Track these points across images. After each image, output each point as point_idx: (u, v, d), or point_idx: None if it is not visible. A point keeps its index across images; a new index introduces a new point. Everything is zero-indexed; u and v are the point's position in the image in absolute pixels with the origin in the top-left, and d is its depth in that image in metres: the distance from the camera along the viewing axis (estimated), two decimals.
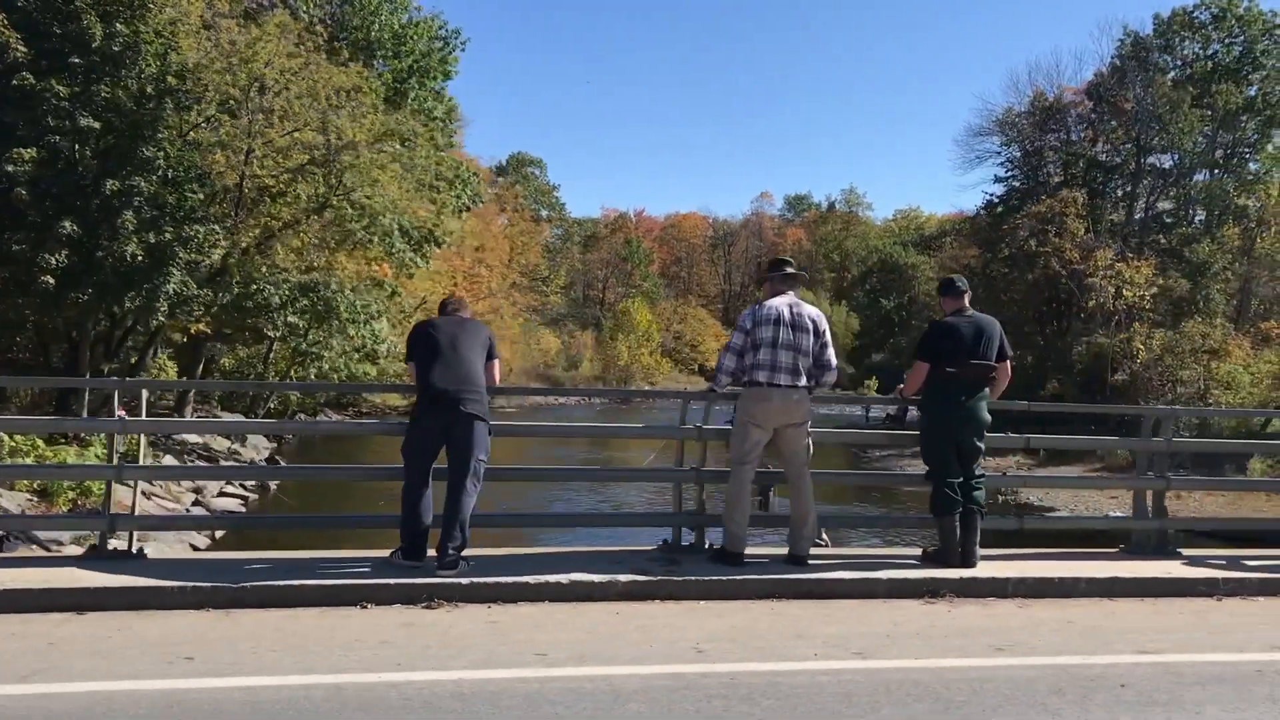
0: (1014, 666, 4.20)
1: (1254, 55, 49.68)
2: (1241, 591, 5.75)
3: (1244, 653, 4.52)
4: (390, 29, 25.63)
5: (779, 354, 5.54)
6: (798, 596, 5.28)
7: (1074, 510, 29.41)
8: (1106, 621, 5.06)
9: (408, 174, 24.23)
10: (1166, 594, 5.67)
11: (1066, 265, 42.45)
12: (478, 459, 5.16)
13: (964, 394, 5.70)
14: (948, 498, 5.69)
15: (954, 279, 6.11)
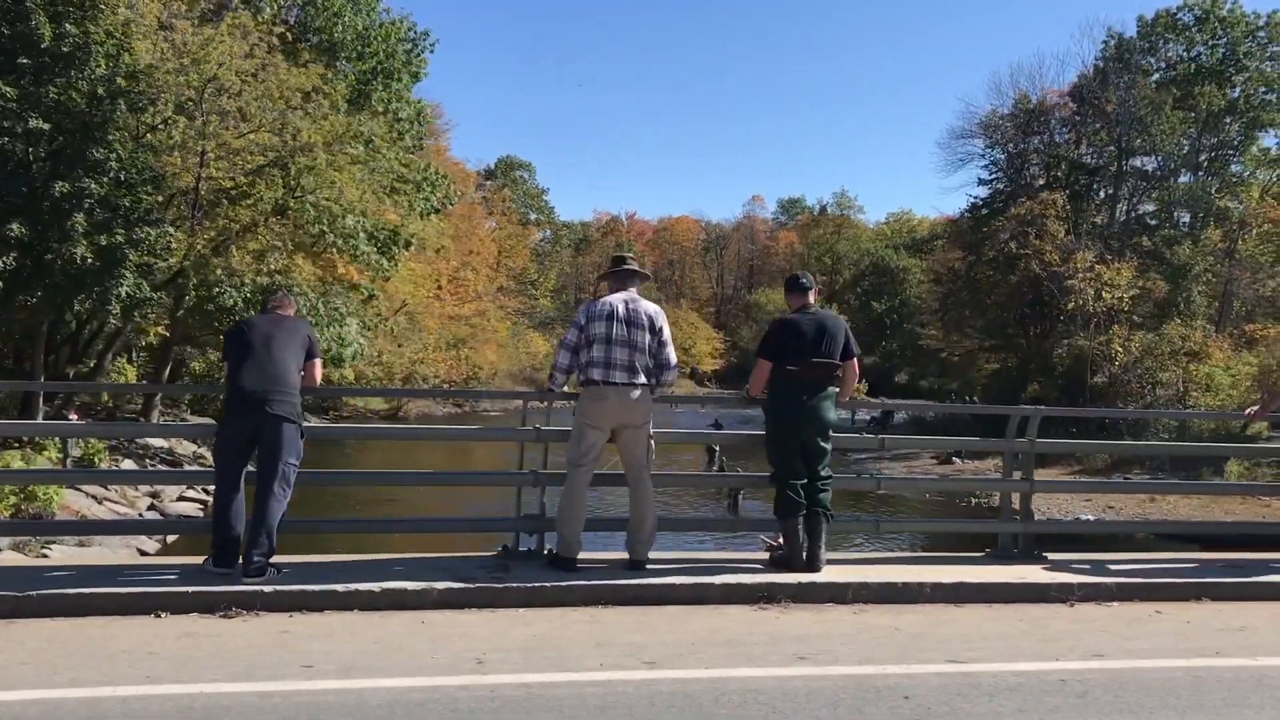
0: (805, 676, 4.03)
1: (1237, 57, 49.58)
2: (1097, 597, 5.58)
3: (1059, 662, 4.35)
4: (353, 30, 25.48)
5: (614, 351, 5.38)
6: (625, 603, 5.11)
7: (1045, 513, 29.25)
8: (935, 629, 4.88)
9: (370, 176, 24.06)
10: (1017, 599, 5.49)
11: (1046, 267, 42.32)
12: (287, 462, 4.99)
13: (806, 393, 5.53)
14: (790, 500, 5.52)
15: (798, 275, 5.95)
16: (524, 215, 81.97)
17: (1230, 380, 38.50)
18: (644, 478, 5.52)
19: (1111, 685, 4.04)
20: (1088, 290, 40.74)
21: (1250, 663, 4.45)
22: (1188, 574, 5.95)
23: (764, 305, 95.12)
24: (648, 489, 5.54)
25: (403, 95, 27.26)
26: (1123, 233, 47.72)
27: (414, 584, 4.96)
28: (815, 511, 5.56)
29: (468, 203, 66.17)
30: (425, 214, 29.26)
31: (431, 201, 29.32)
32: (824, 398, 5.58)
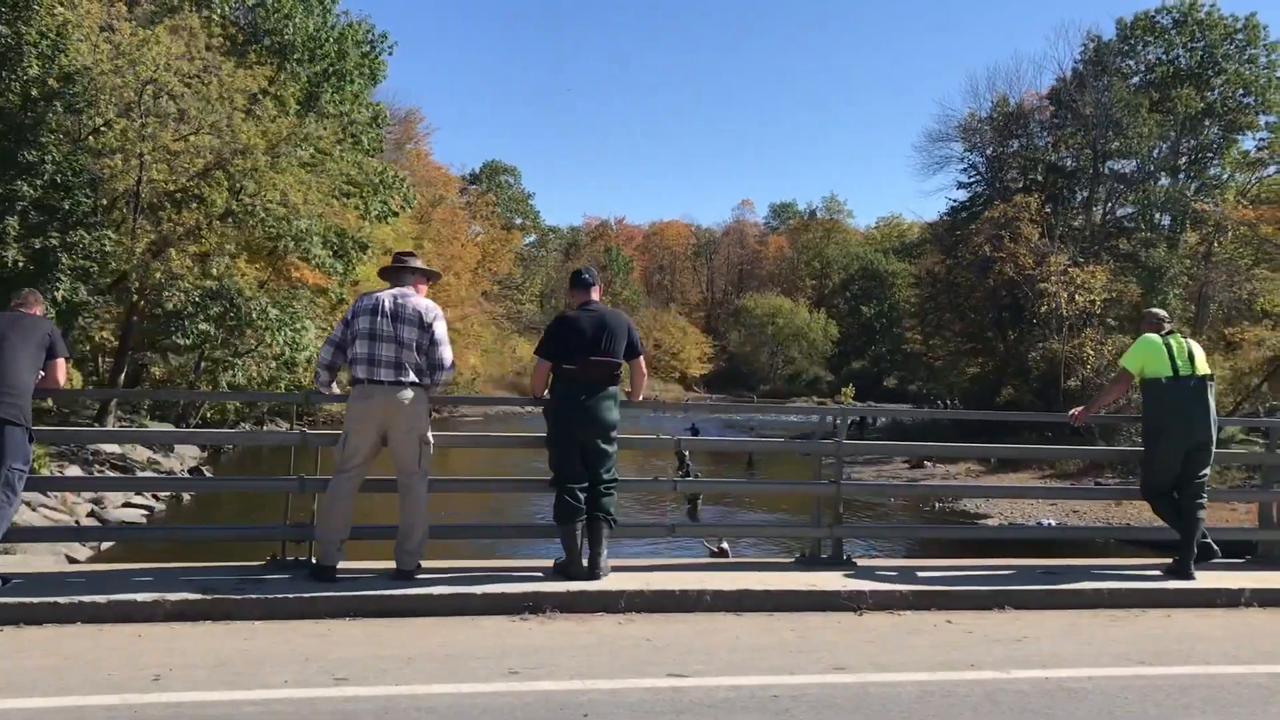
0: (495, 693, 3.80)
1: (1215, 60, 49.40)
2: (890, 605, 5.34)
3: (791, 675, 4.12)
4: (304, 32, 25.27)
5: (378, 347, 5.14)
6: (380, 614, 4.88)
7: (1008, 518, 29.04)
8: (693, 640, 4.65)
9: (319, 180, 23.84)
10: (804, 608, 5.26)
11: (1021, 271, 42.09)
12: (12, 467, 4.76)
13: (585, 393, 5.30)
14: (568, 505, 5.28)
15: (580, 271, 5.73)
16: (509, 220, 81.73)
17: None
18: (414, 485, 5.27)
19: (822, 701, 3.81)
20: (1061, 294, 40.54)
21: (999, 676, 4.21)
22: (998, 581, 5.71)
23: (752, 310, 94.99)
24: (417, 496, 5.28)
25: (357, 97, 27.04)
26: (1100, 236, 47.51)
27: (145, 596, 4.73)
28: (596, 517, 5.33)
29: (449, 207, 66.02)
30: (383, 217, 29.03)
31: (390, 205, 29.08)
32: (605, 398, 5.35)
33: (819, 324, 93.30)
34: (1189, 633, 5.09)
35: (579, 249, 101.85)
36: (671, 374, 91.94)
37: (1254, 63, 49.74)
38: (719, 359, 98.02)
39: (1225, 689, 4.12)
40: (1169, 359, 5.95)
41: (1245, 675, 4.35)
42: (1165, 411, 5.95)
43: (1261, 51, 49.97)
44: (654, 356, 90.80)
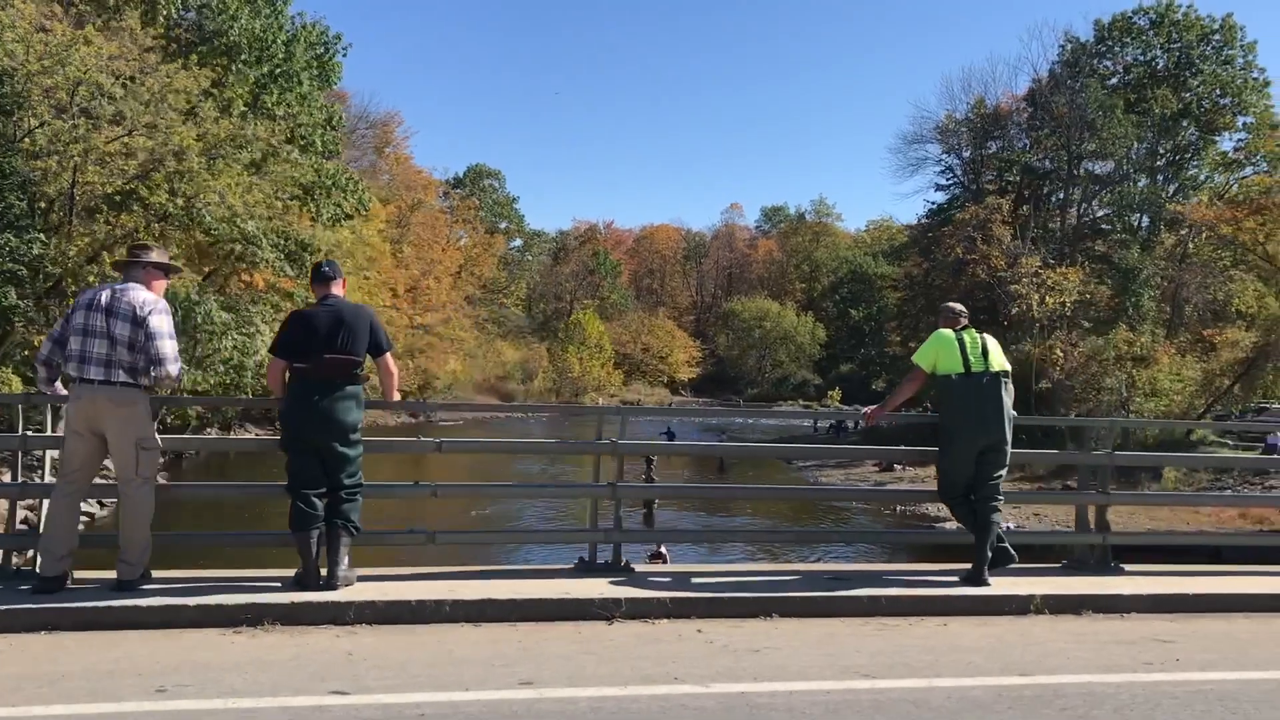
0: (120, 714, 3.54)
1: (1191, 60, 49.13)
2: (647, 614, 5.06)
3: (469, 691, 3.85)
4: (249, 33, 25.07)
5: (89, 343, 4.83)
6: (84, 628, 4.61)
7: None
8: (406, 653, 4.37)
9: (261, 182, 23.60)
10: (552, 617, 4.98)
11: (993, 273, 41.83)
12: None
13: (319, 393, 5.03)
14: (302, 511, 5.01)
15: (320, 264, 5.43)
16: (493, 224, 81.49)
17: (1174, 385, 38.01)
18: (131, 493, 4.95)
19: (473, 717, 3.56)
20: (1032, 296, 40.28)
21: (692, 690, 3.94)
22: (771, 588, 5.43)
23: (739, 313, 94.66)
24: (134, 505, 4.95)
25: (305, 99, 26.83)
26: (1075, 237, 47.25)
27: None
28: (334, 524, 5.06)
29: (429, 211, 65.76)
30: (336, 220, 28.78)
31: (343, 207, 28.85)
32: (342, 398, 5.07)
33: (807, 327, 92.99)
34: (951, 643, 4.82)
35: (567, 252, 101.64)
36: (660, 378, 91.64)
37: (1231, 63, 49.48)
38: (708, 363, 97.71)
39: (935, 704, 3.85)
40: (961, 355, 5.69)
41: (970, 688, 4.08)
42: (957, 409, 5.69)
43: (1239, 52, 49.70)
44: (642, 360, 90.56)
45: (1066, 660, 4.56)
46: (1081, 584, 5.77)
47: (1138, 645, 4.88)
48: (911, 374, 5.98)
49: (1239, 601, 5.69)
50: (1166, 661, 4.60)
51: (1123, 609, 5.56)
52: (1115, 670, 4.43)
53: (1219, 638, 5.13)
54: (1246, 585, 5.89)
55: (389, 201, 59.50)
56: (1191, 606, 5.66)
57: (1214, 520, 26.33)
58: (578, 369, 68.13)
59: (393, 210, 59.70)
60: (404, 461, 28.37)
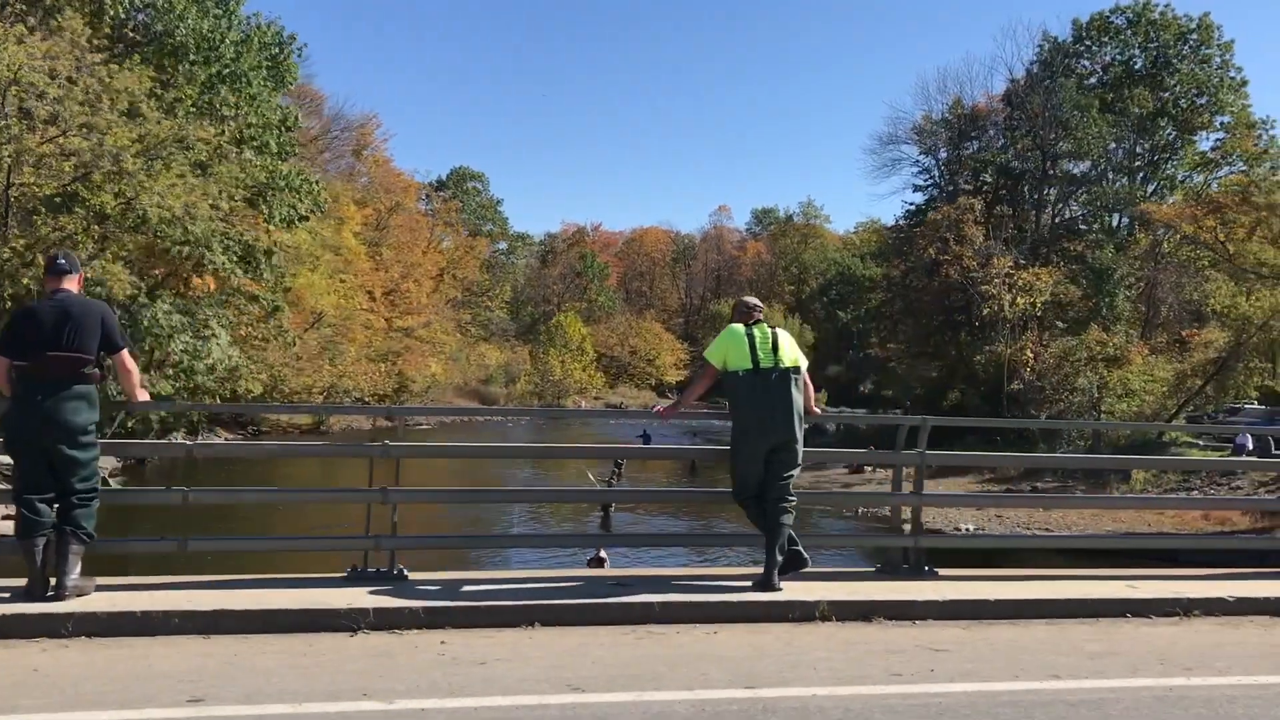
0: None
1: (1168, 60, 48.96)
2: (399, 624, 4.81)
3: (126, 710, 3.61)
4: (197, 34, 24.84)
5: None
6: None
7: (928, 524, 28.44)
8: (105, 668, 4.12)
9: (205, 183, 23.37)
10: (291, 628, 4.72)
11: (965, 273, 41.64)
12: None
13: (43, 393, 4.78)
14: (27, 519, 4.76)
15: (56, 255, 5.17)
16: (476, 226, 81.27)
17: (1145, 385, 37.83)
18: None
19: None
20: (1003, 296, 40.08)
21: (370, 708, 3.70)
22: (541, 595, 5.17)
23: (725, 315, 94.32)
24: None
25: (255, 100, 26.60)
26: (1050, 237, 47.07)
27: None
28: (64, 531, 4.81)
29: (409, 214, 65.54)
30: (289, 222, 28.54)
31: (297, 209, 28.62)
32: (70, 398, 4.81)
33: (794, 329, 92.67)
34: (702, 653, 4.56)
35: (555, 255, 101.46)
36: (647, 380, 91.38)
37: (1208, 63, 49.31)
38: (694, 365, 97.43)
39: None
40: (750, 350, 5.44)
41: (678, 701, 3.83)
42: (744, 407, 5.44)
43: (1216, 52, 49.53)
44: (628, 363, 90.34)
45: (810, 672, 4.31)
46: (880, 589, 5.52)
47: (903, 654, 4.63)
48: (703, 370, 5.74)
49: (1040, 608, 5.44)
50: (919, 672, 4.36)
51: (916, 615, 5.31)
52: (854, 682, 4.18)
53: (999, 646, 4.89)
54: (1052, 590, 5.64)
55: (367, 204, 59.32)
56: (991, 613, 5.41)
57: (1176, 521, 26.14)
58: (559, 371, 67.87)
59: (370, 213, 59.50)
60: (380, 465, 28.22)
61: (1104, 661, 4.64)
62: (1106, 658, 4.71)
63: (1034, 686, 4.20)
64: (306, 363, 45.10)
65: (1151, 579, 5.95)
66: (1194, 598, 5.62)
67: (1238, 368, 35.89)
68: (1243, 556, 8.02)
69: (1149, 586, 5.78)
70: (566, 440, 46.33)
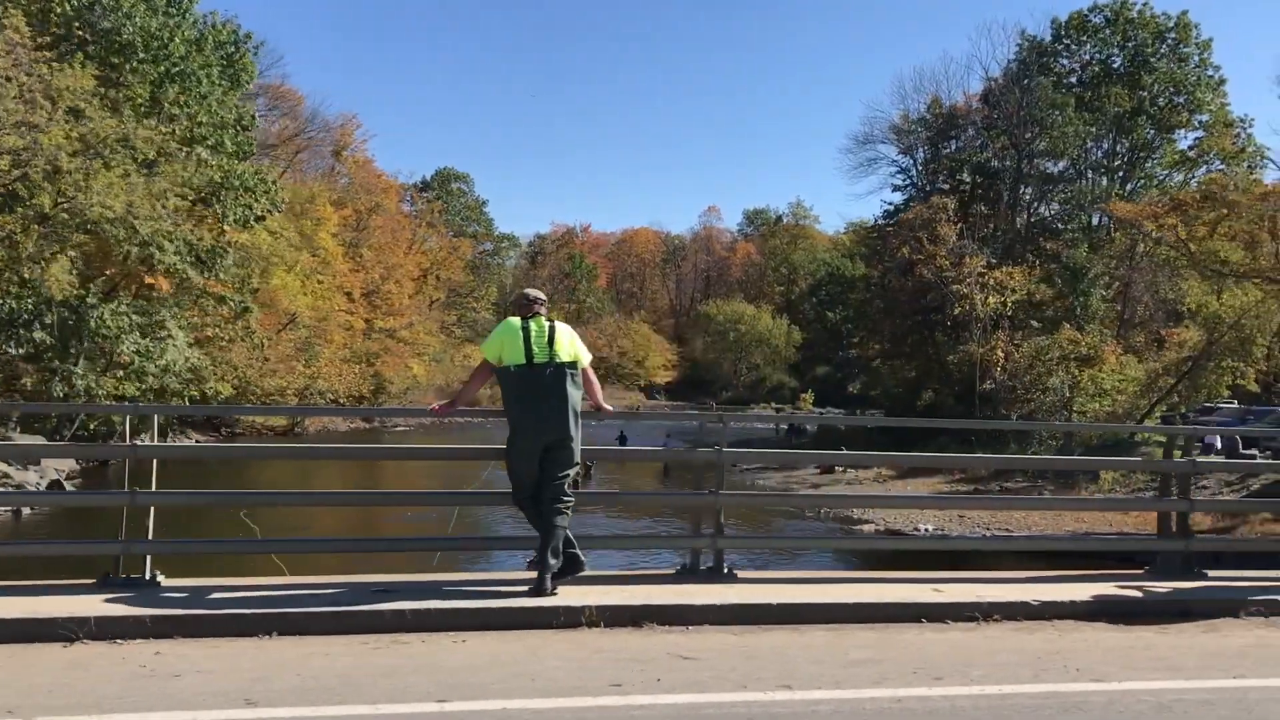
0: None
1: (1145, 58, 48.74)
2: (123, 634, 4.57)
3: None
4: (144, 32, 24.60)
5: None
6: None
7: (886, 523, 28.35)
8: None
9: (151, 183, 23.17)
10: (23, 639, 4.50)
11: (938, 273, 41.38)
12: None
13: None
14: None
15: None
16: (461, 227, 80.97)
17: (1117, 384, 37.65)
18: None
19: None
20: (975, 295, 39.83)
21: None
22: (288, 603, 4.93)
23: (714, 316, 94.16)
24: None
25: (206, 98, 26.37)
26: (1026, 236, 46.82)
27: None
28: None
29: (390, 215, 65.21)
30: (244, 222, 28.30)
31: (253, 209, 28.39)
32: None
33: (782, 330, 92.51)
34: (420, 664, 4.32)
35: (544, 256, 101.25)
36: (636, 381, 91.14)
37: (1185, 61, 49.08)
38: (684, 366, 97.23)
39: None
40: (524, 344, 5.20)
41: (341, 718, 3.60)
42: (516, 403, 5.21)
43: (1194, 50, 49.31)
44: (618, 364, 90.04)
45: (526, 683, 4.08)
46: (665, 593, 5.28)
47: (642, 663, 4.39)
48: (478, 366, 5.50)
49: (825, 612, 5.19)
50: (645, 683, 4.12)
51: (691, 620, 5.07)
52: (564, 694, 3.95)
53: (757, 653, 4.64)
54: (846, 594, 5.39)
55: (346, 205, 59.06)
56: (773, 617, 5.17)
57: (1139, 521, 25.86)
58: None
59: (350, 214, 59.23)
60: (352, 469, 28.02)
61: (856, 670, 4.40)
62: (863, 666, 4.47)
63: (752, 698, 3.97)
64: (280, 364, 44.84)
65: (959, 582, 5.71)
66: (995, 601, 5.38)
67: (1208, 367, 35.64)
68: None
69: (954, 590, 5.54)
70: None
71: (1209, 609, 5.58)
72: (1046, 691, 4.16)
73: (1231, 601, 5.64)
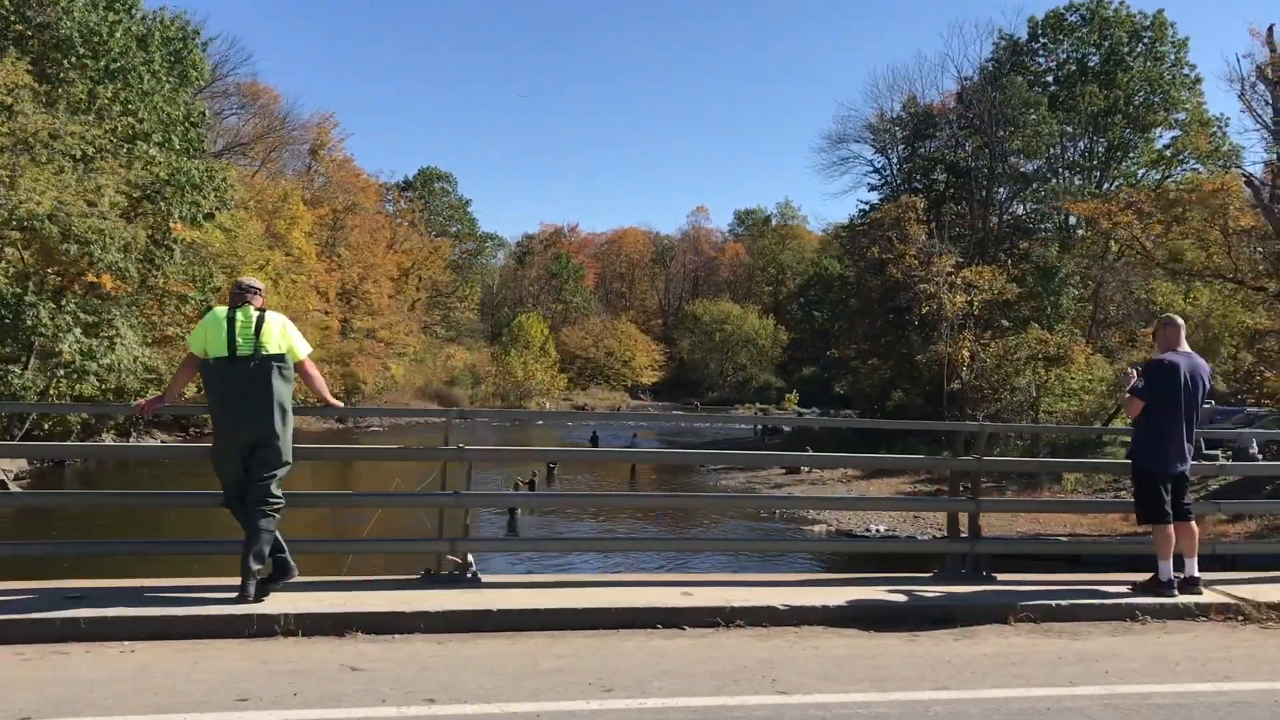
0: None
1: (1120, 57, 48.43)
2: None
3: None
4: (83, 27, 24.29)
5: None
6: None
7: (839, 524, 28.11)
8: None
9: (84, 180, 22.87)
10: None
11: (907, 272, 41.10)
12: None
13: None
14: None
15: None
16: (443, 227, 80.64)
17: (1085, 384, 37.38)
18: None
19: None
20: (942, 295, 39.55)
21: None
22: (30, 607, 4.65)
23: (700, 316, 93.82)
24: None
25: (151, 95, 26.06)
26: (1000, 236, 46.53)
27: None
28: None
29: (367, 214, 64.88)
30: (192, 219, 27.97)
31: (201, 206, 28.06)
32: None
33: (768, 330, 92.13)
34: (38, 679, 4.04)
35: (532, 256, 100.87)
36: (622, 382, 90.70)
37: (1161, 60, 48.77)
38: (671, 367, 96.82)
39: None
40: (228, 336, 4.90)
41: None
42: (217, 398, 4.91)
43: (1170, 49, 49.00)
44: (604, 365, 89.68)
45: (148, 699, 3.79)
46: (373, 600, 4.98)
47: (292, 676, 4.09)
48: (186, 359, 5.19)
49: (548, 618, 4.90)
50: (278, 698, 3.83)
51: (402, 629, 4.78)
52: (169, 710, 3.66)
53: (433, 663, 4.35)
54: (572, 599, 5.08)
55: (321, 203, 58.79)
56: (494, 624, 4.88)
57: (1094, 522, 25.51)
58: (520, 373, 67.25)
59: (326, 213, 58.94)
60: (325, 469, 27.77)
61: (524, 683, 4.10)
62: (537, 678, 4.17)
63: (380, 714, 3.67)
64: None
65: (714, 585, 5.41)
66: (740, 606, 5.08)
67: None
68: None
69: (704, 594, 5.24)
70: (526, 442, 45.44)
71: (975, 614, 5.28)
72: (711, 705, 3.87)
73: (1002, 607, 5.34)
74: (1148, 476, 5.71)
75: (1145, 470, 5.74)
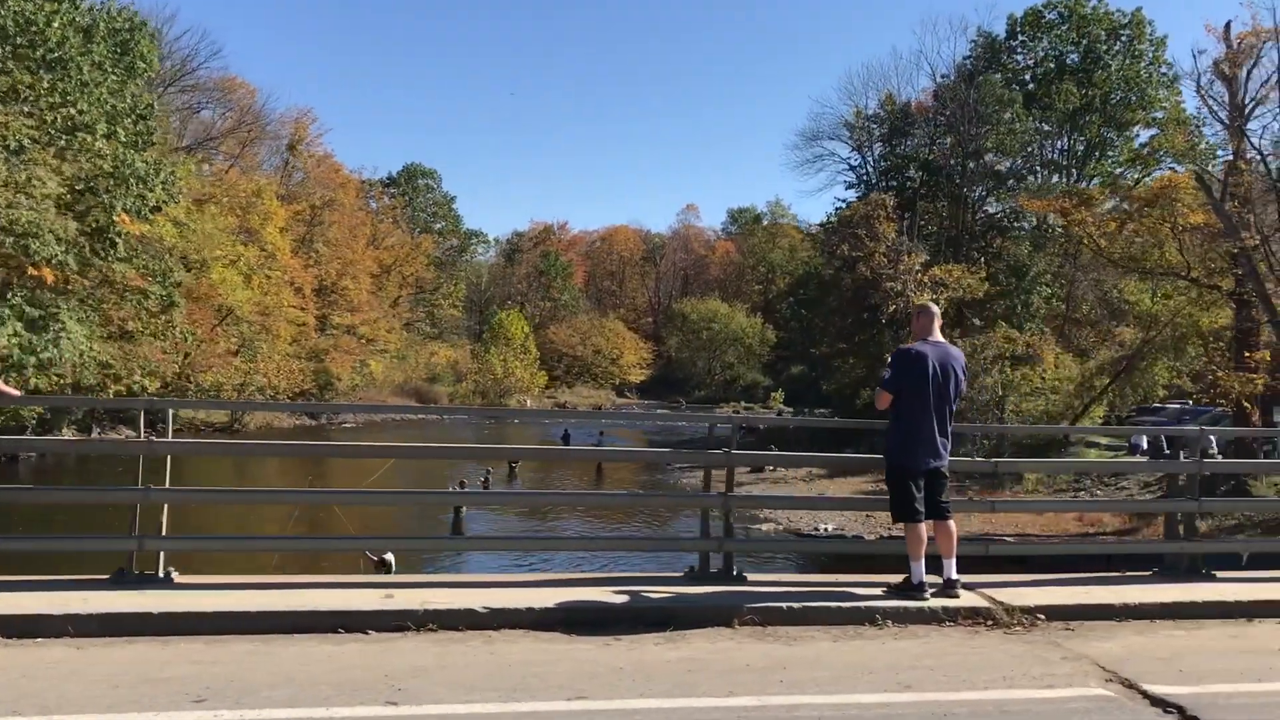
0: None
1: (1098, 55, 48.03)
2: None
3: None
4: (17, 17, 23.91)
5: None
6: None
7: (790, 523, 27.83)
8: None
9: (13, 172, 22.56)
10: None
11: (876, 270, 40.76)
12: None
13: None
14: None
15: None
16: (428, 224, 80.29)
17: (1052, 384, 37.07)
18: None
19: None
20: (909, 293, 39.20)
21: None
22: None
23: (688, 314, 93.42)
24: None
25: (85, 87, 25.69)
26: (974, 234, 46.16)
27: None
28: None
29: (345, 210, 64.56)
30: (138, 212, 27.63)
31: (147, 200, 27.74)
32: None
33: (755, 328, 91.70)
34: None
35: (521, 253, 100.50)
36: (610, 380, 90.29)
37: (1139, 59, 48.36)
38: (658, 365, 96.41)
39: None
40: None
41: None
42: None
43: (1148, 47, 48.60)
44: (592, 363, 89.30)
45: None
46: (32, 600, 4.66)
47: None
48: None
49: (209, 622, 4.58)
50: None
51: (50, 633, 4.46)
52: None
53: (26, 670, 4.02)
54: (250, 602, 4.76)
55: (299, 198, 58.47)
56: (154, 628, 4.55)
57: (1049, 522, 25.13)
58: (499, 371, 66.89)
59: (303, 208, 58.61)
60: (298, 465, 27.48)
61: (127, 691, 3.78)
62: (151, 685, 3.85)
63: None
64: (216, 359, 44.23)
65: (419, 587, 5.07)
66: (436, 609, 4.76)
67: (1141, 365, 34.98)
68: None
69: (405, 596, 4.91)
70: (506, 440, 45.04)
71: (696, 617, 4.95)
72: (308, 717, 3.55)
73: (729, 609, 5.01)
74: (898, 471, 5.39)
75: (895, 465, 5.43)
